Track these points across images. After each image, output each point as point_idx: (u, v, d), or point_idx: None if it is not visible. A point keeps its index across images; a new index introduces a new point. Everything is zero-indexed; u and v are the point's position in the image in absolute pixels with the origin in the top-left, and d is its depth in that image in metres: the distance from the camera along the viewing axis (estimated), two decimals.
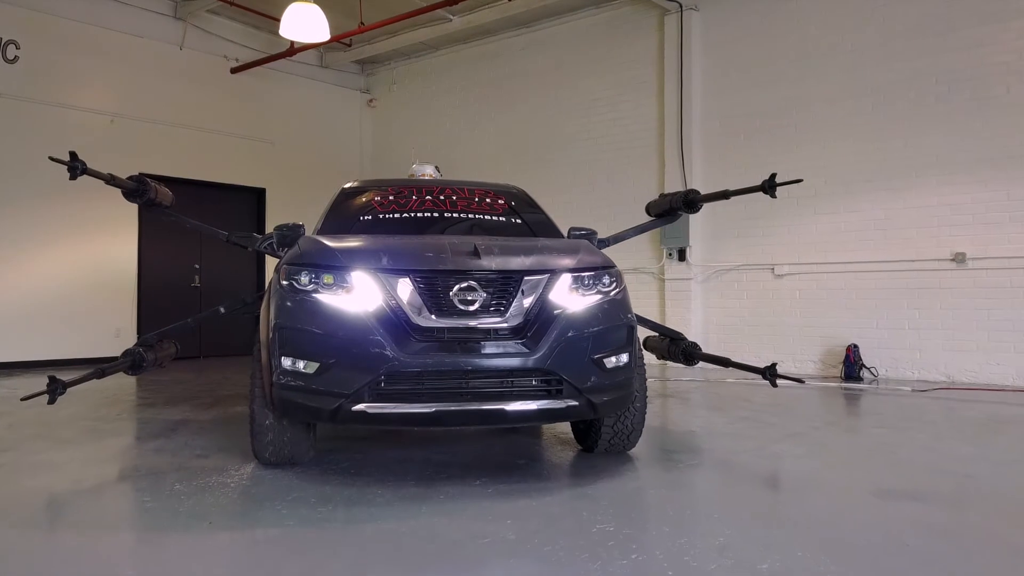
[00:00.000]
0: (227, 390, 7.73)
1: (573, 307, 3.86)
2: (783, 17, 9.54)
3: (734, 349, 9.83)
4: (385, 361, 3.58)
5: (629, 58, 10.86)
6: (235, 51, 12.09)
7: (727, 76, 10.00)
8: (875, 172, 8.87)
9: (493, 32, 12.12)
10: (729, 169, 9.95)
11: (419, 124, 13.40)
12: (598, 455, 4.50)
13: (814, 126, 9.30)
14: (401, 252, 3.93)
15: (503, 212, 5.32)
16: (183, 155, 11.50)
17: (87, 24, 10.50)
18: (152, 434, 5.38)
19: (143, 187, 6.02)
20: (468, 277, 3.77)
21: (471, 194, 5.46)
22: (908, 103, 8.65)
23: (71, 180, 4.96)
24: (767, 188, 5.57)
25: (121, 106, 10.90)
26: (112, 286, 10.83)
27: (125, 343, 11.09)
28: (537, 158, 11.82)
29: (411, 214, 5.09)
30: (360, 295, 3.74)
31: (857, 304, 8.97)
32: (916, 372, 8.54)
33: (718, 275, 10.06)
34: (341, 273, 3.81)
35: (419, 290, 3.74)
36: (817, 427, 5.53)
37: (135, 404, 6.82)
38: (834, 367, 9.04)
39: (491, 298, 3.77)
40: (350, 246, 4.13)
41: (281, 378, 3.75)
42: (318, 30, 9.57)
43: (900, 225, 8.69)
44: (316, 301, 3.77)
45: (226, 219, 12.28)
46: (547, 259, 4.03)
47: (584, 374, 3.79)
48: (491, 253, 3.92)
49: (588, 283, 4.01)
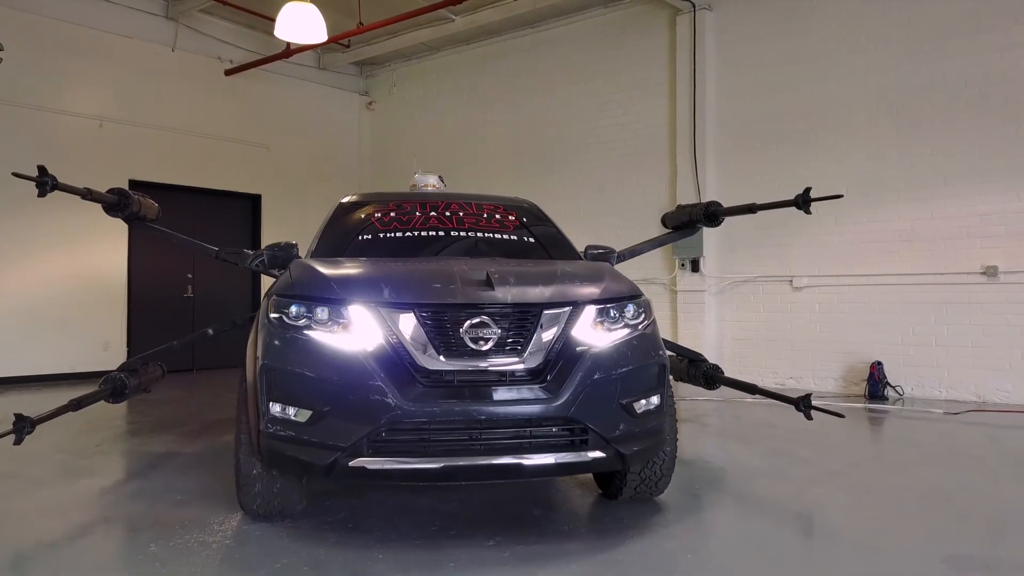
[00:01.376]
0: (216, 412, 7.29)
1: (598, 344, 3.42)
2: (801, 17, 9.10)
3: (750, 365, 9.42)
4: (386, 410, 3.14)
5: (639, 59, 10.42)
6: (229, 52, 11.64)
7: (742, 78, 9.56)
8: (900, 180, 8.43)
9: (497, 32, 11.68)
10: (744, 175, 9.52)
11: (420, 128, 12.96)
12: (622, 502, 4.06)
13: (835, 131, 8.86)
14: (404, 283, 3.49)
15: (514, 229, 4.87)
16: (175, 161, 11.05)
17: (74, 24, 10.04)
18: (132, 472, 4.94)
19: (124, 200, 5.57)
20: (480, 311, 3.33)
21: (479, 209, 5.02)
22: (936, 108, 8.21)
23: (40, 197, 4.48)
24: (801, 203, 5.14)
25: (110, 110, 10.44)
26: (100, 297, 10.37)
27: (114, 357, 10.73)
28: (543, 163, 11.37)
29: (414, 232, 4.65)
30: (358, 332, 3.30)
31: (881, 319, 8.53)
32: (944, 391, 8.10)
33: (733, 287, 9.62)
34: (337, 307, 3.37)
35: (425, 327, 3.30)
36: (856, 464, 5.08)
37: (118, 431, 6.38)
38: (856, 384, 8.60)
39: (506, 335, 3.34)
40: (347, 274, 3.69)
41: (269, 426, 3.31)
42: (315, 31, 9.12)
43: (927, 236, 8.25)
44: (308, 339, 3.33)
45: (220, 227, 11.85)
46: (568, 288, 3.59)
47: (612, 422, 3.35)
48: (506, 283, 3.48)
49: (614, 316, 3.57)
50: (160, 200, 10.91)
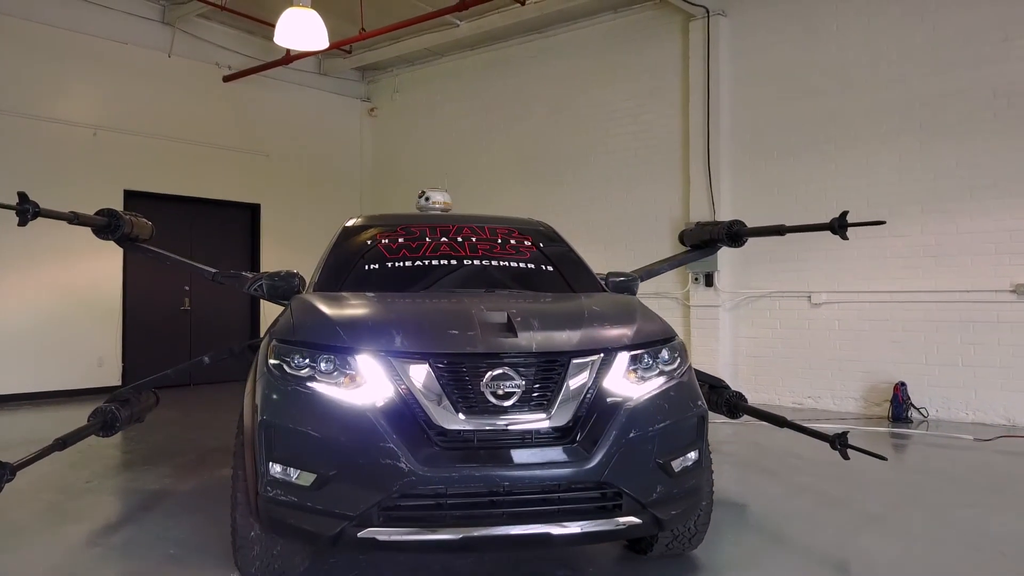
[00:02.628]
0: (214, 439, 6.97)
1: (633, 397, 3.10)
2: (820, 23, 8.78)
3: (766, 383, 9.11)
4: (399, 475, 2.82)
5: (651, 67, 10.09)
6: (227, 58, 11.32)
7: (758, 87, 9.23)
8: (924, 193, 8.11)
9: (502, 38, 11.35)
10: (760, 187, 9.20)
11: (423, 135, 12.63)
12: (652, 559, 3.74)
13: (855, 142, 8.54)
14: (417, 329, 3.17)
15: (531, 257, 4.55)
16: (171, 170, 10.73)
17: (66, 30, 9.71)
18: (123, 516, 4.62)
19: (115, 221, 5.27)
20: (502, 362, 3.01)
21: (492, 234, 4.70)
22: (961, 118, 7.89)
23: (20, 226, 4.16)
24: (837, 228, 4.81)
25: (104, 118, 10.12)
26: (94, 311, 10.03)
27: (109, 373, 10.41)
28: (551, 172, 11.05)
29: (424, 261, 4.32)
30: (367, 386, 2.98)
31: (904, 337, 8.21)
32: (971, 413, 7.79)
33: (748, 302, 9.30)
34: (343, 356, 3.05)
35: (441, 380, 2.97)
36: (894, 505, 4.76)
37: (110, 463, 6.06)
38: (878, 405, 8.28)
39: (531, 388, 3.01)
40: (354, 317, 3.36)
41: (269, 489, 2.99)
42: (316, 38, 8.78)
43: (952, 252, 7.93)
44: (312, 393, 3.00)
45: (217, 237, 11.53)
46: (598, 332, 3.27)
47: (648, 484, 3.03)
48: (529, 327, 3.16)
49: (648, 362, 3.25)
50: (156, 210, 10.70)
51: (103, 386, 10.06)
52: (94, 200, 9.91)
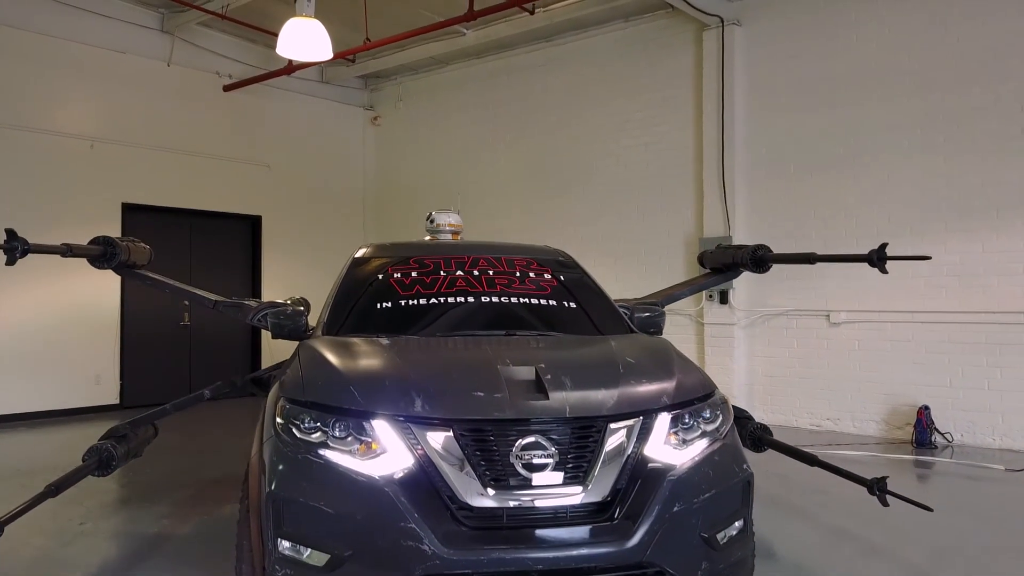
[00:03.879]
0: (213, 468, 6.71)
1: (675, 464, 2.84)
2: (839, 33, 8.51)
3: (782, 404, 8.85)
4: (421, 558, 2.55)
5: (663, 77, 9.82)
6: (228, 67, 11.05)
7: (774, 98, 8.97)
8: (948, 211, 7.85)
9: (510, 46, 11.08)
10: (777, 202, 8.94)
11: (427, 144, 12.36)
12: None
13: (876, 157, 8.27)
14: (439, 390, 2.90)
15: (551, 292, 4.28)
16: (170, 182, 10.46)
17: (62, 39, 9.44)
18: (117, 568, 4.34)
19: (111, 249, 5.01)
20: (532, 428, 2.75)
21: (509, 266, 4.43)
22: (988, 133, 7.63)
23: (8, 265, 3.89)
24: (875, 261, 4.53)
25: (102, 129, 9.85)
26: (91, 327, 9.76)
27: (106, 391, 10.12)
28: (559, 184, 10.78)
29: (440, 299, 4.06)
30: (385, 455, 2.72)
31: (927, 359, 7.95)
32: (997, 439, 7.53)
33: (764, 320, 9.03)
34: (358, 420, 2.79)
35: (466, 449, 2.71)
36: (939, 552, 4.49)
37: (106, 499, 5.78)
38: (900, 428, 8.03)
39: (565, 458, 2.75)
40: (370, 373, 3.09)
41: (278, 569, 2.72)
42: (320, 48, 8.52)
43: (978, 272, 7.67)
44: (325, 463, 2.74)
45: (217, 251, 11.27)
46: (636, 390, 3.00)
47: (693, 561, 2.77)
48: (561, 385, 2.89)
49: (689, 422, 2.99)
50: (154, 224, 10.47)
51: (100, 404, 9.83)
52: (91, 214, 9.72)
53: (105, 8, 9.74)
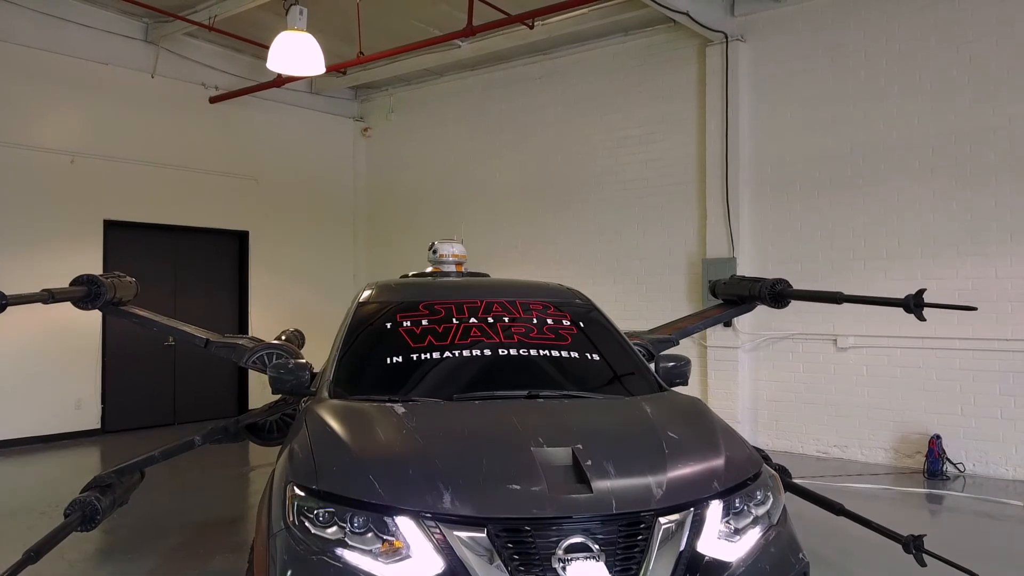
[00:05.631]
0: (201, 508, 6.37)
1: (731, 561, 2.58)
2: (847, 52, 8.31)
3: (788, 429, 8.64)
4: None
5: (665, 92, 9.58)
6: (214, 78, 10.69)
7: (780, 115, 8.75)
8: (960, 235, 7.66)
9: (506, 58, 10.81)
10: (782, 222, 8.73)
11: (420, 157, 12.05)
12: None
13: (886, 178, 8.08)
14: (471, 483, 2.60)
15: (572, 342, 3.99)
16: (154, 197, 10.09)
17: (42, 51, 9.05)
18: None
19: (96, 288, 4.70)
20: (577, 527, 2.47)
21: (525, 312, 4.15)
22: (1001, 155, 7.45)
23: None
24: (911, 307, 4.30)
25: (82, 143, 9.47)
26: (71, 349, 9.36)
27: (87, 416, 9.70)
28: (556, 200, 10.52)
29: (455, 352, 3.77)
30: (411, 560, 2.43)
31: (937, 386, 7.77)
32: (1010, 469, 7.35)
33: (769, 344, 8.82)
34: (380, 516, 2.50)
35: (502, 553, 2.42)
36: None
37: (88, 548, 5.42)
38: (909, 457, 7.84)
39: (612, 559, 2.47)
40: (391, 457, 2.79)
41: None
42: (312, 63, 8.22)
43: (991, 298, 7.48)
44: (344, 568, 2.44)
45: (204, 268, 10.92)
46: (685, 475, 2.73)
47: None
48: (603, 472, 2.62)
49: (740, 507, 2.73)
50: (138, 241, 10.10)
51: (81, 430, 9.45)
52: (72, 232, 9.34)
53: (87, 18, 9.36)
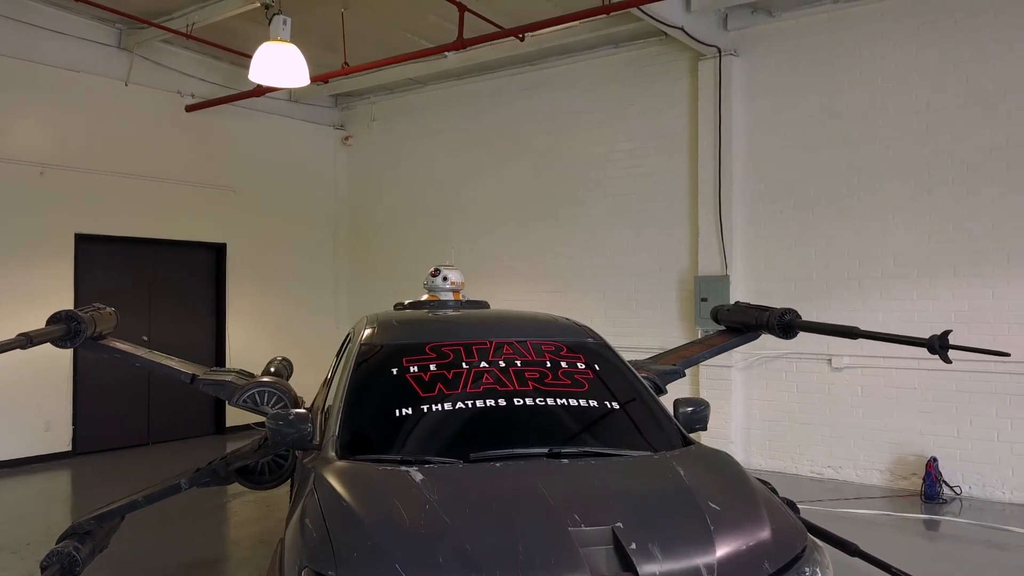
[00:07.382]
0: (186, 547, 6.07)
1: None
2: (843, 68, 8.21)
3: (782, 450, 8.53)
4: None
5: (656, 106, 9.42)
6: (191, 86, 10.33)
7: (774, 132, 8.63)
8: (957, 255, 7.60)
9: (493, 68, 10.57)
10: (776, 240, 8.61)
11: (404, 167, 11.78)
12: None
13: (881, 196, 7.99)
14: (508, 574, 2.38)
15: (589, 389, 3.78)
16: (128, 209, 9.72)
17: (9, 57, 8.65)
18: None
19: (75, 324, 4.40)
20: None
21: (538, 354, 3.94)
22: (998, 176, 7.39)
23: None
24: (935, 348, 4.17)
25: (53, 154, 9.07)
26: (40, 368, 8.90)
27: (57, 438, 9.26)
28: (545, 214, 10.31)
29: (467, 403, 3.55)
30: None
31: (934, 408, 7.69)
32: (1008, 492, 7.30)
33: (763, 363, 8.70)
34: None
35: None
36: None
37: None
38: (905, 479, 7.76)
39: None
40: (417, 540, 2.54)
41: None
42: (296, 74, 7.92)
43: (988, 319, 7.43)
44: None
45: (180, 282, 10.58)
46: (734, 554, 2.54)
47: None
48: (649, 556, 2.42)
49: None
50: (111, 255, 9.73)
51: (51, 452, 9.06)
52: (41, 247, 8.93)
53: (57, 24, 8.97)
